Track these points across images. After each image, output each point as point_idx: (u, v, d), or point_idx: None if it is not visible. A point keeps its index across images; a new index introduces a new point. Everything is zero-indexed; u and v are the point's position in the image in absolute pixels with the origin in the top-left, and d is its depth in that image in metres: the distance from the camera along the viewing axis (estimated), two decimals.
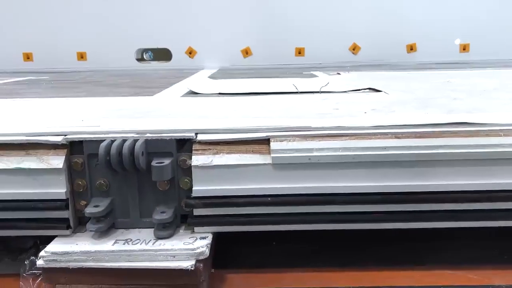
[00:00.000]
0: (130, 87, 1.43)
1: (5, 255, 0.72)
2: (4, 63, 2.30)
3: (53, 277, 0.63)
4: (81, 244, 0.64)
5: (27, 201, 0.65)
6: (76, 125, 0.71)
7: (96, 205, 0.66)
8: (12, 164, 0.65)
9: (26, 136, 0.66)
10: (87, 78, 1.82)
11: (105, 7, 2.30)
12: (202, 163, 0.65)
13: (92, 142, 0.66)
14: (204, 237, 0.66)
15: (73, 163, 0.66)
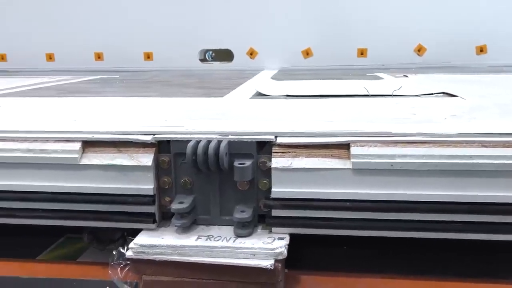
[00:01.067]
0: (197, 87, 1.48)
1: (95, 245, 0.77)
2: (78, 62, 2.45)
3: (140, 268, 0.68)
4: (166, 238, 0.68)
5: (118, 195, 0.70)
6: (161, 125, 0.75)
7: (181, 201, 0.69)
8: (105, 160, 0.70)
9: (118, 134, 0.71)
10: (154, 78, 1.90)
11: (170, 9, 2.38)
12: (282, 165, 0.66)
13: (178, 142, 0.70)
14: (282, 237, 0.67)
15: (161, 161, 0.70)
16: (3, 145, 0.72)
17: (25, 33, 2.50)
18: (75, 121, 0.82)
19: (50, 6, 2.45)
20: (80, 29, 2.46)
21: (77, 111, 0.96)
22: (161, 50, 2.43)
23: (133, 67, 2.41)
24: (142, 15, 2.41)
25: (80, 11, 2.45)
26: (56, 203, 0.71)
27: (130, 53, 2.44)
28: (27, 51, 2.51)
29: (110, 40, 2.46)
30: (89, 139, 0.71)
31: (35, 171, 0.71)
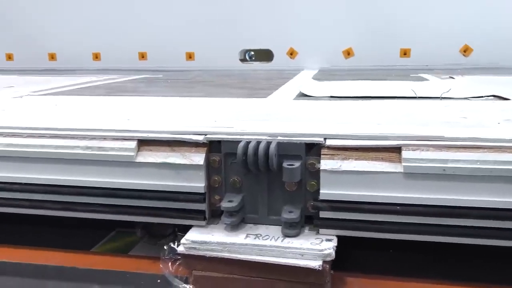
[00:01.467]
0: (240, 88, 1.50)
1: (147, 240, 0.81)
2: (123, 62, 2.53)
3: (191, 263, 0.70)
4: (216, 235, 0.70)
5: (171, 192, 0.73)
6: (212, 125, 0.77)
7: (230, 200, 0.71)
8: (159, 159, 0.73)
9: (171, 134, 0.74)
10: (197, 78, 1.94)
11: (212, 10, 2.42)
12: (331, 167, 0.67)
13: (229, 142, 0.71)
14: (329, 239, 0.68)
15: (211, 160, 0.72)
16: (64, 142, 0.76)
17: (73, 34, 2.61)
18: (128, 120, 0.85)
19: (97, 7, 2.55)
20: (126, 29, 2.55)
21: (129, 110, 1.00)
22: (202, 50, 2.48)
23: (175, 67, 2.47)
24: (185, 16, 2.47)
25: (125, 12, 2.53)
26: (112, 199, 0.75)
27: (172, 53, 2.50)
28: (75, 50, 2.62)
29: (153, 40, 2.53)
30: (145, 138, 0.74)
31: (93, 168, 0.75)
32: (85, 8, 2.56)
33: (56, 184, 0.76)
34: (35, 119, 0.87)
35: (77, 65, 2.59)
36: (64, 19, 2.59)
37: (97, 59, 2.61)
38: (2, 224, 0.91)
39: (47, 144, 0.76)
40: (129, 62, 2.56)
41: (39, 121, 0.82)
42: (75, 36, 2.60)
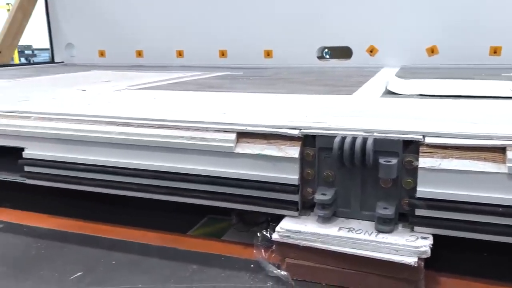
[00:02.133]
0: (322, 85, 1.51)
1: (241, 226, 0.86)
2: (204, 59, 2.64)
3: (284, 251, 0.73)
4: (309, 226, 0.73)
5: (266, 183, 0.77)
6: (305, 120, 0.80)
7: (323, 193, 0.74)
8: (256, 150, 0.77)
9: (268, 128, 0.77)
10: (276, 75, 1.97)
11: (290, 7, 2.44)
12: (430, 165, 0.67)
13: (324, 137, 0.74)
14: (425, 237, 0.68)
15: (306, 154, 0.75)
16: (170, 132, 0.82)
17: (159, 32, 2.76)
18: (224, 113, 0.90)
19: (181, 7, 2.68)
20: (208, 28, 2.65)
21: (222, 104, 1.05)
22: (280, 48, 2.51)
23: (253, 64, 2.53)
24: (264, 15, 2.51)
25: (208, 12, 2.63)
26: (211, 186, 0.80)
27: (251, 51, 2.56)
28: (160, 48, 2.77)
29: (233, 38, 2.61)
30: (243, 131, 0.78)
31: (196, 157, 0.81)
32: (170, 8, 2.71)
33: (161, 171, 0.83)
34: (141, 110, 0.95)
35: (161, 62, 2.74)
36: (151, 19, 2.75)
37: (180, 56, 2.74)
38: (114, 205, 1.01)
39: (155, 134, 0.83)
40: (210, 59, 2.66)
41: (145, 113, 0.90)
42: (160, 35, 2.76)
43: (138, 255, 0.83)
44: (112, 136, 0.86)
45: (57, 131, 0.90)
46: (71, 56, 3.03)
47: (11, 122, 0.94)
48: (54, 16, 2.99)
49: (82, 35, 2.95)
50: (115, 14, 2.83)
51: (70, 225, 0.95)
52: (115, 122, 0.87)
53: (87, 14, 2.90)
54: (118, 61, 2.84)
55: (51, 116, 0.92)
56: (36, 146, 0.92)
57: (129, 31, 2.82)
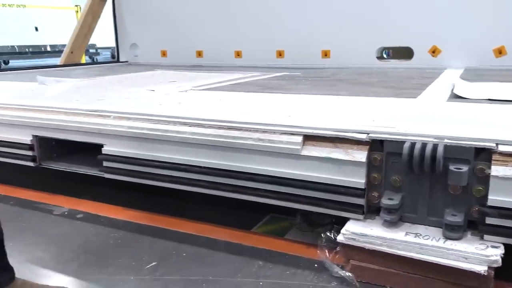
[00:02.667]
0: (384, 87, 1.49)
1: (305, 227, 0.88)
2: (261, 59, 2.68)
3: (349, 253, 0.75)
4: (375, 230, 0.74)
5: (331, 185, 0.79)
6: (372, 124, 0.81)
7: (390, 198, 0.74)
8: (323, 154, 0.79)
9: (335, 131, 0.79)
10: (335, 76, 1.97)
11: (349, 7, 2.42)
12: (503, 174, 0.66)
13: (392, 142, 0.74)
14: (496, 246, 0.67)
15: (373, 158, 0.76)
16: (239, 133, 0.86)
17: (218, 33, 2.84)
18: (289, 116, 0.93)
19: (240, 9, 2.73)
20: (265, 29, 2.68)
21: (286, 106, 1.08)
22: (338, 48, 2.50)
23: (310, 64, 2.53)
24: (321, 16, 2.51)
25: (265, 13, 2.67)
26: (278, 186, 0.83)
27: (309, 51, 2.57)
28: (219, 49, 2.85)
29: (291, 39, 2.63)
30: (310, 134, 0.81)
31: (263, 157, 0.84)
32: (230, 10, 2.77)
33: (230, 170, 0.88)
34: (210, 112, 0.99)
35: (220, 62, 2.81)
36: (211, 20, 2.83)
37: (238, 56, 2.80)
38: (183, 200, 1.07)
39: (224, 135, 0.87)
40: (267, 59, 2.70)
41: (214, 114, 0.95)
42: (220, 36, 2.83)
43: (206, 248, 0.87)
44: (185, 136, 0.91)
45: (134, 129, 0.96)
46: (135, 56, 3.18)
47: (92, 120, 1.02)
48: (120, 17, 3.16)
49: (146, 35, 3.09)
50: (177, 16, 2.94)
51: (143, 218, 1.01)
52: (187, 123, 0.92)
53: (151, 16, 3.03)
54: (179, 61, 2.94)
55: (129, 116, 0.99)
56: (115, 143, 1.00)
57: (190, 32, 2.92)
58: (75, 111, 1.07)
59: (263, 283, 0.75)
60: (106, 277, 0.78)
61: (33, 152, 1.12)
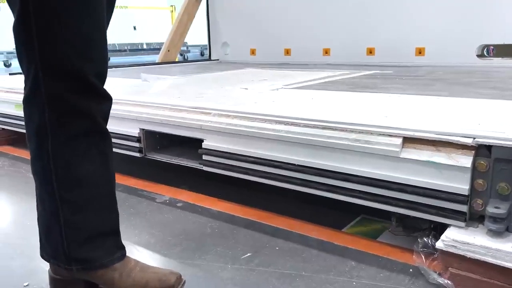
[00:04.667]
0: (488, 88, 1.40)
1: (400, 230, 0.87)
2: (350, 57, 2.65)
3: (448, 260, 0.72)
4: (478, 239, 0.70)
5: (431, 190, 0.77)
6: (478, 128, 0.77)
7: (497, 206, 0.70)
8: (424, 157, 0.77)
9: (437, 134, 0.77)
10: (431, 75, 1.88)
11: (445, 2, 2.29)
12: None
13: (502, 148, 0.70)
14: None
15: (478, 164, 0.73)
16: (335, 133, 0.87)
17: (306, 31, 2.84)
18: (386, 117, 0.91)
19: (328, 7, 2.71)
20: (354, 26, 2.64)
21: (382, 106, 1.06)
22: (433, 46, 2.38)
23: (403, 62, 2.44)
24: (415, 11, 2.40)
25: (354, 9, 2.62)
26: (373, 188, 0.83)
27: (401, 48, 2.48)
28: (307, 46, 2.85)
29: (382, 35, 2.55)
30: (410, 136, 0.79)
31: (359, 158, 0.84)
32: (318, 8, 2.76)
33: (324, 169, 0.89)
34: (304, 111, 1.01)
35: (308, 60, 2.82)
36: (299, 19, 2.85)
37: (326, 54, 2.79)
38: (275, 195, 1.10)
39: (320, 134, 0.88)
40: (356, 57, 2.65)
41: (308, 113, 0.96)
42: (308, 33, 2.84)
43: (298, 244, 0.90)
44: (281, 134, 0.94)
45: (232, 126, 1.02)
46: (225, 54, 3.30)
47: (194, 116, 1.10)
48: (213, 17, 3.30)
49: (236, 34, 3.20)
50: (267, 15, 3.00)
51: (237, 210, 1.07)
52: (283, 121, 0.95)
53: (241, 15, 3.13)
54: (268, 59, 3.00)
55: (228, 113, 1.05)
56: (214, 138, 1.06)
57: (278, 31, 2.97)
58: (178, 107, 1.15)
59: (357, 283, 0.75)
60: (205, 264, 0.84)
61: (139, 144, 1.23)
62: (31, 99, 0.65)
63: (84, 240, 0.69)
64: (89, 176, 0.68)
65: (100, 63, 0.65)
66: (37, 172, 0.68)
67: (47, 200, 0.68)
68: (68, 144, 0.66)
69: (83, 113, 0.65)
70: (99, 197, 0.70)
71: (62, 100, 0.63)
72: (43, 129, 0.64)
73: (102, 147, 0.69)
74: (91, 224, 0.70)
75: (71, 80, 0.62)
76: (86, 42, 0.62)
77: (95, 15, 0.62)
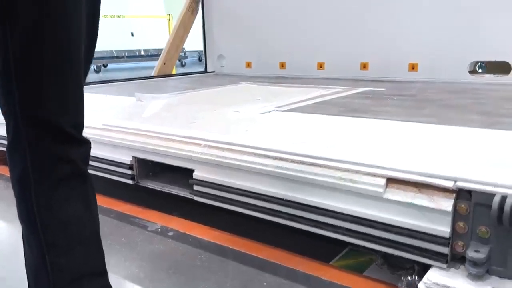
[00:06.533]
0: (478, 112, 1.40)
1: (386, 268, 0.88)
2: (344, 71, 2.66)
3: None
4: (459, 282, 0.72)
5: (414, 231, 0.78)
6: (461, 169, 0.78)
7: (477, 250, 0.72)
8: (406, 198, 0.78)
9: (419, 176, 0.78)
10: (424, 94, 1.90)
11: (439, 18, 2.31)
12: None
13: (481, 193, 0.72)
14: None
15: (459, 207, 0.74)
16: (321, 170, 0.89)
17: (301, 45, 2.86)
18: (372, 153, 0.93)
19: (322, 22, 2.73)
20: (349, 41, 2.66)
21: (370, 138, 1.08)
22: (426, 61, 2.40)
23: (396, 77, 2.46)
24: (408, 27, 2.43)
25: (348, 25, 2.64)
26: (358, 226, 0.84)
27: (395, 63, 2.50)
28: (302, 60, 2.87)
29: (376, 51, 2.57)
30: (393, 177, 0.81)
31: (344, 196, 0.86)
32: (313, 22, 2.78)
33: (310, 205, 0.90)
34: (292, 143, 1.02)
35: (303, 73, 2.84)
36: (294, 32, 2.86)
37: (321, 68, 2.81)
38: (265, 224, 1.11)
39: (306, 171, 0.90)
40: (350, 71, 2.67)
41: (297, 147, 0.98)
42: (302, 48, 2.86)
43: (286, 279, 0.91)
44: (268, 169, 0.95)
45: (222, 159, 1.03)
46: (221, 66, 3.32)
47: (185, 147, 1.11)
48: (209, 29, 3.31)
49: (232, 47, 3.22)
50: (262, 28, 3.02)
51: (227, 240, 1.08)
52: (271, 156, 0.97)
53: (237, 28, 3.15)
54: (263, 72, 3.02)
55: (218, 145, 1.06)
56: (205, 169, 1.07)
57: (274, 44, 2.99)
58: (170, 137, 1.16)
59: None
60: None
61: (132, 171, 1.24)
62: (13, 147, 0.67)
63: (70, 283, 0.70)
64: (73, 219, 0.70)
65: (77, 115, 0.67)
66: (22, 217, 0.70)
67: (34, 243, 0.70)
68: (51, 189, 0.67)
69: (63, 159, 0.67)
70: (84, 239, 0.72)
71: (42, 148, 0.65)
72: (26, 176, 0.66)
73: (83, 189, 0.71)
74: (76, 266, 0.71)
75: (50, 130, 0.64)
76: (63, 97, 0.64)
77: (73, 72, 0.64)
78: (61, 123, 0.64)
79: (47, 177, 0.66)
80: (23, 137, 0.64)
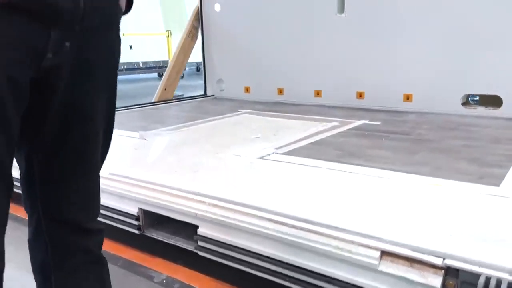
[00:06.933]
0: (469, 160, 1.46)
1: None
2: (341, 99, 2.73)
3: None
4: None
5: None
6: (449, 243, 0.84)
7: None
8: (399, 272, 0.84)
9: (411, 250, 0.84)
10: (417, 131, 1.96)
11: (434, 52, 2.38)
12: None
13: (466, 273, 0.78)
14: None
15: (448, 283, 0.80)
16: (318, 238, 0.95)
17: (299, 73, 2.93)
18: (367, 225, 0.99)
19: (321, 50, 2.80)
20: (345, 70, 2.73)
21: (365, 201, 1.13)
22: (421, 93, 2.47)
23: (391, 107, 2.53)
24: (404, 59, 2.50)
25: (346, 54, 2.71)
26: None
27: (389, 93, 2.57)
28: (299, 87, 2.94)
29: (371, 81, 2.64)
30: (387, 250, 0.87)
31: (340, 264, 0.91)
32: (311, 50, 2.85)
33: (309, 270, 0.96)
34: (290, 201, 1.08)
35: (300, 100, 2.91)
36: (292, 59, 2.93)
37: (318, 95, 2.88)
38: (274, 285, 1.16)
39: (305, 237, 0.96)
40: (346, 99, 2.74)
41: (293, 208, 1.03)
42: (300, 75, 2.92)
43: None
44: (269, 232, 1.01)
45: (225, 218, 1.09)
46: (221, 90, 3.38)
47: (190, 204, 1.17)
48: (208, 54, 3.38)
49: (231, 72, 3.28)
50: (261, 54, 3.08)
51: None
52: (272, 219, 1.02)
53: (236, 54, 3.21)
54: (261, 98, 3.08)
55: (221, 204, 1.12)
56: (209, 227, 1.13)
57: (272, 70, 3.05)
58: (175, 192, 1.22)
59: None
60: None
61: (138, 222, 1.30)
62: (35, 239, 0.72)
63: None
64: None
65: (95, 209, 0.73)
66: None
67: None
68: (69, 273, 0.73)
69: (81, 249, 0.73)
70: None
71: (62, 241, 0.71)
72: (47, 265, 0.72)
73: (99, 271, 0.77)
74: None
75: (70, 227, 0.70)
76: (83, 199, 0.70)
77: (94, 174, 0.70)
78: (81, 220, 0.70)
79: (66, 265, 0.72)
80: (44, 231, 0.70)
